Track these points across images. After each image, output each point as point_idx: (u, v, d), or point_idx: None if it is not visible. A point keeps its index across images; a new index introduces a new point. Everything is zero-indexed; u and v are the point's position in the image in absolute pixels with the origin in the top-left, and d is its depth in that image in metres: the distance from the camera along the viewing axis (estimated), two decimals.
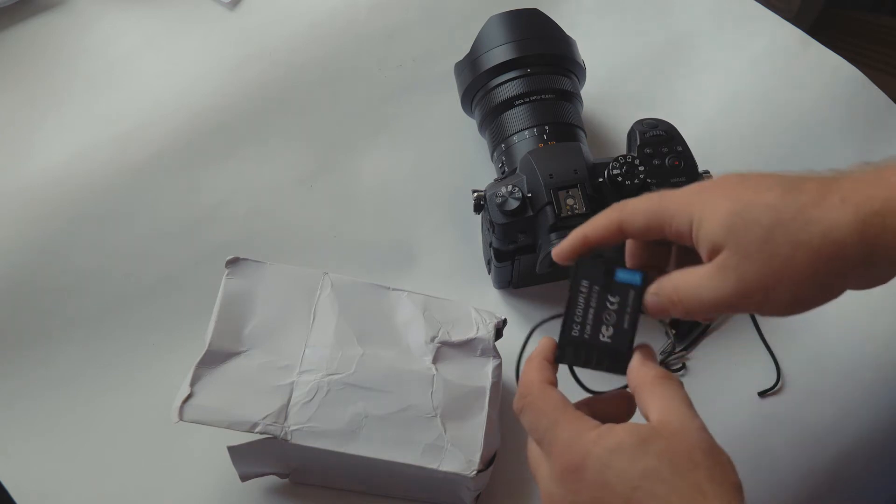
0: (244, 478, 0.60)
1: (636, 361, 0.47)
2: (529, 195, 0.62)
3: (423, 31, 0.82)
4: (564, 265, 0.50)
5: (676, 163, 0.62)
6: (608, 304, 0.48)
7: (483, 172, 0.72)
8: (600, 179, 0.62)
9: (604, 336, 0.48)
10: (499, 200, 0.62)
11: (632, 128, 0.65)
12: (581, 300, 0.48)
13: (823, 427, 0.64)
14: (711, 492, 0.41)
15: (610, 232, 0.48)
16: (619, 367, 0.47)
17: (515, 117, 0.67)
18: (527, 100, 0.67)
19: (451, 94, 0.73)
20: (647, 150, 0.63)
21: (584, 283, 0.48)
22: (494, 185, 0.63)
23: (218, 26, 0.82)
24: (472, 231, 0.69)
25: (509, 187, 0.62)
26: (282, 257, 0.63)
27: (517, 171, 0.64)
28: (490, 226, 0.63)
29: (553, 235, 0.61)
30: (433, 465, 0.55)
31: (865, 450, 0.64)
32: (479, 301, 0.64)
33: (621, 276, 0.48)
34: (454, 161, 0.75)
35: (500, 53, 0.68)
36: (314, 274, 0.61)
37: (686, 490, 0.41)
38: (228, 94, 0.78)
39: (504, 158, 0.67)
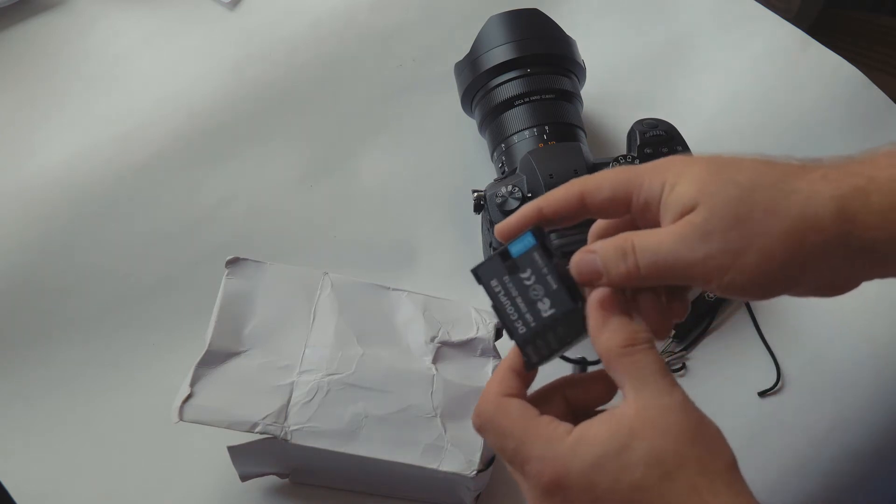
0: (244, 478, 0.60)
1: (595, 324, 0.42)
2: (529, 195, 0.62)
3: (423, 31, 0.82)
4: (507, 238, 0.45)
5: None
6: (525, 282, 0.43)
7: (483, 172, 0.72)
8: None
9: (545, 311, 0.43)
10: (499, 200, 0.62)
11: (632, 128, 0.65)
12: (504, 299, 0.44)
13: (823, 427, 0.64)
14: (705, 486, 0.39)
15: (569, 204, 0.44)
16: (578, 326, 0.43)
17: (515, 117, 0.67)
18: (527, 100, 0.67)
19: (451, 94, 0.73)
20: (647, 150, 0.63)
21: (493, 282, 0.44)
22: (494, 185, 0.63)
23: (218, 26, 0.82)
24: (472, 231, 0.69)
25: (509, 187, 0.62)
26: (282, 257, 0.63)
27: (517, 171, 0.64)
28: (490, 226, 0.63)
29: (553, 235, 0.61)
30: (433, 465, 0.55)
31: (865, 450, 0.64)
32: (480, 301, 0.63)
33: (516, 248, 0.44)
34: (454, 161, 0.75)
35: (500, 53, 0.68)
36: (314, 274, 0.61)
37: (680, 491, 0.39)
38: (228, 94, 0.78)
39: (504, 158, 0.67)
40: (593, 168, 0.63)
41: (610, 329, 0.41)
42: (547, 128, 0.65)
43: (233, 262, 0.60)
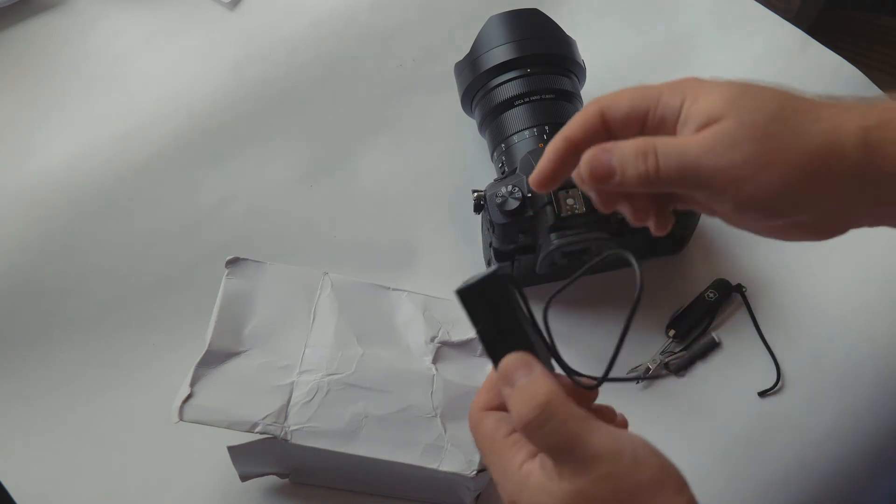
0: (244, 478, 0.60)
1: (476, 416, 0.43)
2: (529, 195, 0.62)
3: (423, 31, 0.82)
4: (545, 184, 0.46)
5: None
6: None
7: (483, 172, 0.72)
8: None
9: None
10: (499, 200, 0.62)
11: None
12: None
13: (823, 427, 0.64)
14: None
15: (591, 124, 0.44)
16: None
17: (515, 117, 0.67)
18: (527, 100, 0.67)
19: (451, 94, 0.73)
20: None
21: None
22: (494, 185, 0.63)
23: (218, 26, 0.82)
24: (472, 231, 0.69)
25: (509, 187, 0.62)
26: (282, 257, 0.63)
27: (517, 171, 0.64)
28: (490, 226, 0.63)
29: (553, 235, 0.61)
30: (433, 465, 0.55)
31: (865, 450, 0.64)
32: None
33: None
34: (454, 161, 0.75)
35: (500, 53, 0.68)
36: (314, 274, 0.61)
37: None
38: (228, 94, 0.78)
39: (504, 158, 0.67)
40: None
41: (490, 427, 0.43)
42: (547, 128, 0.65)
43: (233, 262, 0.60)
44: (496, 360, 0.43)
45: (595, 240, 0.61)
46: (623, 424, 0.45)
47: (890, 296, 0.69)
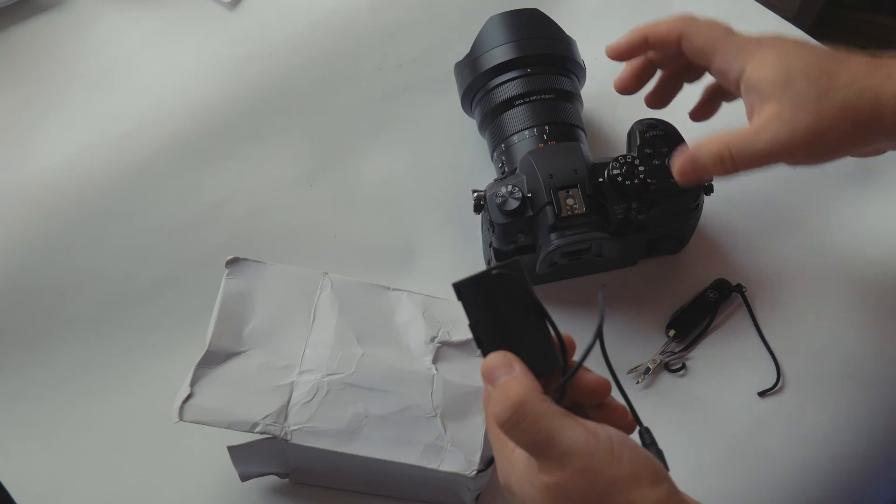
0: (244, 478, 0.60)
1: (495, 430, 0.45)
2: (529, 195, 0.62)
3: (423, 30, 0.82)
4: (617, 54, 0.59)
5: None
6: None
7: (483, 172, 0.72)
8: (600, 179, 0.62)
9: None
10: (499, 200, 0.61)
11: (632, 128, 0.65)
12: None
13: (823, 427, 0.64)
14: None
15: (670, 38, 0.55)
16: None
17: (515, 117, 0.67)
18: (527, 100, 0.67)
19: (451, 94, 0.73)
20: (647, 151, 0.63)
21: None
22: (494, 185, 0.63)
23: (218, 26, 0.82)
24: (472, 231, 0.69)
25: (509, 187, 0.61)
26: (282, 257, 0.63)
27: (517, 171, 0.64)
28: (490, 226, 0.63)
29: (553, 235, 0.61)
30: (433, 466, 0.55)
31: (865, 450, 0.64)
32: None
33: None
34: (454, 161, 0.75)
35: (499, 53, 0.68)
36: (314, 274, 0.61)
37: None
38: (228, 94, 0.78)
39: (504, 158, 0.67)
40: (593, 169, 0.63)
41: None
42: (547, 128, 0.65)
43: (233, 262, 0.60)
44: (484, 356, 0.45)
45: (595, 240, 0.61)
46: (630, 426, 0.46)
47: (890, 296, 0.69)
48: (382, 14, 0.83)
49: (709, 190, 0.64)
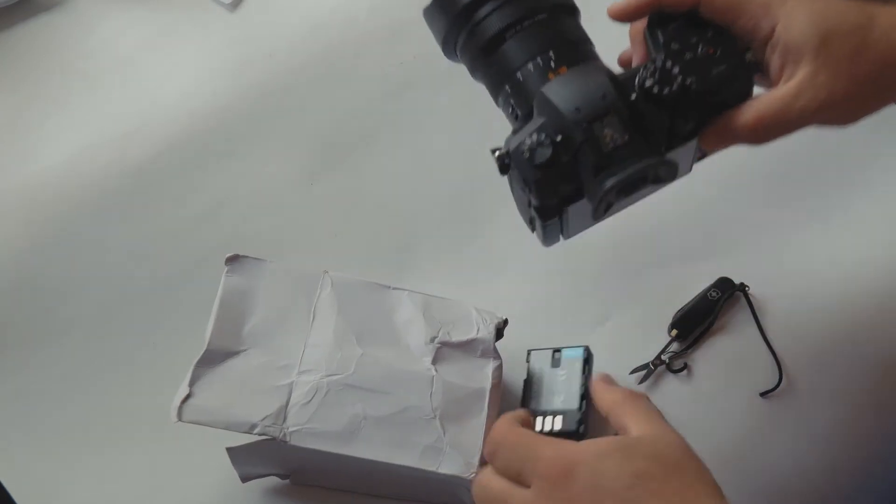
0: (245, 478, 0.60)
1: (600, 387, 0.50)
2: (559, 138, 0.51)
3: (424, 28, 0.82)
4: (621, 19, 0.53)
5: (711, 50, 0.52)
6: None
7: (483, 171, 0.71)
8: (633, 97, 0.52)
9: (558, 403, 0.60)
10: (526, 154, 0.51)
11: (648, 27, 0.55)
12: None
13: (825, 428, 0.63)
14: (702, 490, 0.43)
15: None
16: (571, 421, 0.59)
17: (511, 52, 0.55)
18: (518, 28, 0.55)
19: (453, 92, 0.73)
20: (675, 46, 0.52)
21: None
22: (516, 138, 0.52)
23: (218, 27, 0.82)
24: (473, 229, 0.69)
25: (534, 136, 0.51)
26: (282, 256, 0.63)
27: (534, 114, 0.53)
28: (524, 185, 0.53)
29: (602, 176, 0.51)
30: (432, 468, 0.55)
31: (867, 451, 0.63)
32: (480, 301, 0.63)
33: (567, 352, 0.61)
34: (455, 159, 0.75)
35: None
36: (314, 273, 0.61)
37: (678, 486, 0.43)
38: (229, 95, 0.78)
39: (513, 101, 0.56)
40: (622, 85, 0.52)
41: (612, 390, 0.50)
42: (552, 52, 0.54)
43: (233, 260, 0.60)
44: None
45: (649, 167, 0.51)
46: None
47: (893, 296, 0.68)
48: (383, 13, 0.83)
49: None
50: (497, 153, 0.52)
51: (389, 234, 0.72)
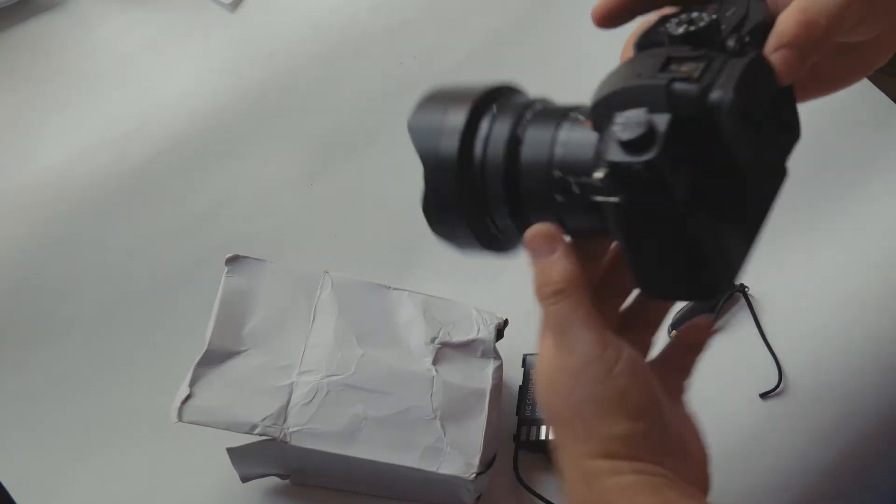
0: (245, 479, 0.60)
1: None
2: (647, 112, 0.37)
3: (424, 28, 0.82)
4: (602, 19, 0.44)
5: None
6: None
7: None
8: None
9: None
10: (625, 136, 0.36)
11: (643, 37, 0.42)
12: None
13: (825, 428, 0.64)
14: None
15: None
16: None
17: (536, 141, 0.42)
18: (525, 120, 0.43)
19: None
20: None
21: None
22: (601, 141, 0.38)
23: (218, 27, 0.82)
24: None
25: (621, 119, 0.37)
26: (282, 257, 0.63)
27: (590, 117, 0.40)
28: (654, 171, 0.36)
29: (716, 98, 0.37)
30: (432, 468, 0.55)
31: (867, 451, 0.63)
32: (481, 301, 0.63)
33: None
34: None
35: (450, 138, 0.45)
36: (315, 273, 0.61)
37: None
38: (229, 95, 0.78)
39: (573, 180, 0.41)
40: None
41: None
42: (578, 112, 0.42)
43: (233, 260, 0.60)
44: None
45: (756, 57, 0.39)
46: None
47: (892, 296, 0.68)
48: (383, 13, 0.83)
49: None
50: (599, 174, 0.37)
51: (389, 234, 0.72)
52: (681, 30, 0.41)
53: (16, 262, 0.70)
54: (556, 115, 0.42)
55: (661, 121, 0.36)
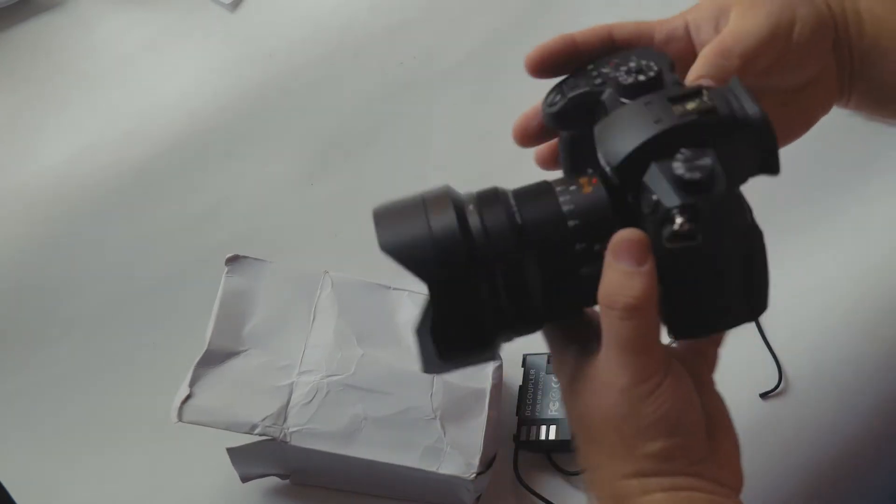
0: (245, 479, 0.60)
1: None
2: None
3: (424, 28, 0.82)
4: (536, 66, 0.45)
5: None
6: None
7: (482, 171, 0.71)
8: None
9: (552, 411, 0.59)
10: (688, 176, 0.36)
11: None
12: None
13: (825, 428, 0.64)
14: None
15: (598, 36, 0.48)
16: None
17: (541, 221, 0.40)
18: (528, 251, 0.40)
19: (453, 91, 0.73)
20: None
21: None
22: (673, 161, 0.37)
23: (218, 27, 0.82)
24: None
25: (684, 159, 0.36)
26: (282, 257, 0.63)
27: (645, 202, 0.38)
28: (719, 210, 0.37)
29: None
30: (432, 468, 0.55)
31: (867, 451, 0.63)
32: None
33: None
34: (455, 159, 0.75)
35: (445, 220, 0.40)
36: (315, 273, 0.61)
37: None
38: (229, 95, 0.78)
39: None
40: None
41: None
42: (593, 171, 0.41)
43: (233, 260, 0.60)
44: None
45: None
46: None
47: (893, 296, 0.68)
48: (383, 13, 0.83)
49: None
50: (679, 224, 0.36)
51: None
52: (630, 79, 0.42)
53: (16, 262, 0.70)
54: (538, 189, 0.41)
55: (709, 155, 0.37)
